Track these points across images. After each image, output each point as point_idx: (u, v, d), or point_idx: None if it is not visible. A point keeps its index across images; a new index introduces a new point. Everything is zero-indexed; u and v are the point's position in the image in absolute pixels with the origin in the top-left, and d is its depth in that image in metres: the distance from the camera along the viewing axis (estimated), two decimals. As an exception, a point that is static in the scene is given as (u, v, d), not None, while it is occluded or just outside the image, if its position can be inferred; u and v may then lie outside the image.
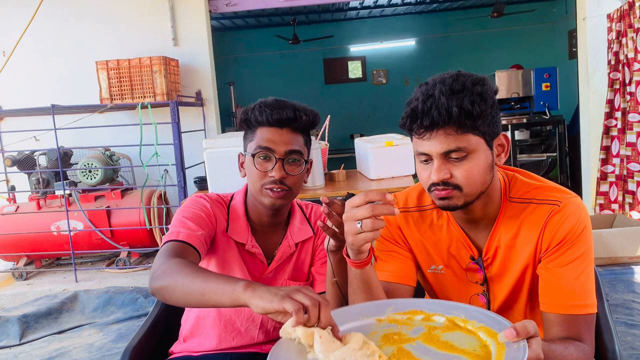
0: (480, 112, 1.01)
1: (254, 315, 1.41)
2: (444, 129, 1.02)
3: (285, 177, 1.31)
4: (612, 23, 4.11)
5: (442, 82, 1.03)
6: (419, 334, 0.95)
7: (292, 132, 1.32)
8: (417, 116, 1.03)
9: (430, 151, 1.05)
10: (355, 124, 8.48)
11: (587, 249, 1.10)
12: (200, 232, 1.28)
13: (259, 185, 1.32)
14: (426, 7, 8.33)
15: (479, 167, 1.06)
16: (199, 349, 1.43)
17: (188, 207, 1.35)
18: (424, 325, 0.98)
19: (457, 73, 1.06)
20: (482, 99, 1.02)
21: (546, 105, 5.81)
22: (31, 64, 4.91)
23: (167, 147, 4.10)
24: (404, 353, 0.89)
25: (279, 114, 1.29)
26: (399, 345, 0.92)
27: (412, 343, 0.92)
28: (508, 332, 0.84)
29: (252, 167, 1.32)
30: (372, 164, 3.18)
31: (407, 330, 0.97)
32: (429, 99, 1.01)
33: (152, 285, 1.11)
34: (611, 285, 3.35)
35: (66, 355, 3.01)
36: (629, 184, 3.99)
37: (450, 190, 1.06)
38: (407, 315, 1.01)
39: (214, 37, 5.22)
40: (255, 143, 1.32)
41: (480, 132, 1.04)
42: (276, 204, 1.33)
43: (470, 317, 0.95)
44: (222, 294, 0.97)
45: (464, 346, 0.89)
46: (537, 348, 0.85)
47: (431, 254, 1.25)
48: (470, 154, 1.04)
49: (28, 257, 4.49)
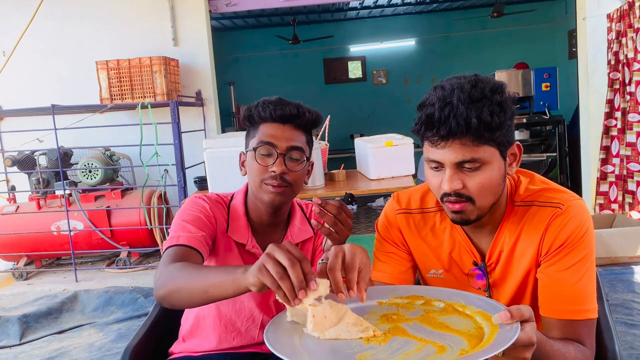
0: (499, 123, 0.98)
1: (254, 315, 1.41)
2: (460, 139, 0.98)
3: (286, 172, 1.30)
4: (612, 23, 4.11)
5: (460, 88, 0.99)
6: (417, 316, 0.96)
7: (294, 128, 1.33)
8: (433, 124, 0.99)
9: (444, 160, 1.02)
10: (355, 124, 8.48)
11: (589, 252, 1.08)
12: (201, 234, 1.28)
13: (259, 180, 1.31)
14: (426, 7, 8.33)
15: (492, 179, 1.03)
16: (199, 349, 1.43)
17: (187, 209, 1.35)
18: (424, 308, 1.00)
19: (475, 78, 1.01)
20: (501, 109, 0.99)
21: (546, 105, 5.81)
22: (31, 64, 4.91)
23: (167, 147, 4.10)
24: (399, 330, 0.92)
25: (282, 110, 1.30)
26: (396, 324, 0.94)
27: (409, 323, 0.94)
28: (502, 313, 0.85)
29: (253, 161, 1.32)
30: (372, 164, 3.18)
31: (405, 312, 0.99)
32: (446, 107, 0.97)
33: (157, 295, 1.11)
34: (611, 285, 3.35)
35: (66, 355, 3.01)
36: (629, 183, 3.99)
37: (464, 204, 1.04)
38: (408, 299, 1.03)
39: (214, 37, 5.22)
40: (257, 138, 1.33)
41: (495, 143, 1.01)
42: (276, 200, 1.32)
43: (469, 303, 0.97)
44: (224, 286, 0.98)
45: (459, 327, 0.91)
46: (531, 331, 0.85)
47: (431, 258, 1.23)
48: (484, 164, 1.02)
49: (28, 257, 4.48)
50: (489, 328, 0.87)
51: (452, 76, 1.05)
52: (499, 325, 0.85)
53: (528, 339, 0.84)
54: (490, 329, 0.87)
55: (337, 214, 1.16)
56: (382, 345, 0.86)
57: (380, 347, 0.86)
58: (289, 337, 0.90)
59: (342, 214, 1.17)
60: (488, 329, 0.87)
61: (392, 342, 0.88)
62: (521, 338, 0.83)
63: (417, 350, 0.84)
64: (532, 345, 0.85)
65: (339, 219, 1.17)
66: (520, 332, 0.82)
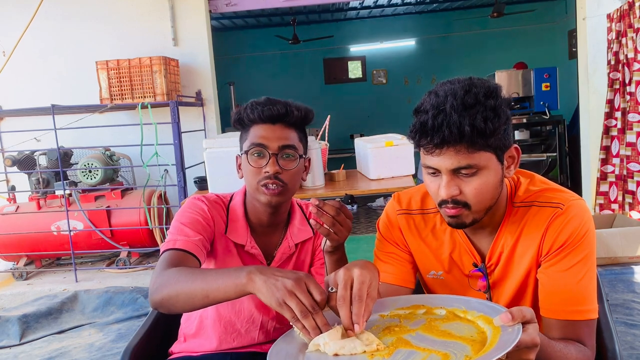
0: (493, 129, 0.97)
1: (254, 316, 1.41)
2: (455, 146, 0.98)
3: (280, 172, 1.30)
4: (612, 23, 4.11)
5: (453, 94, 0.98)
6: (419, 326, 0.96)
7: (285, 127, 1.32)
8: (427, 132, 0.98)
9: (440, 167, 1.02)
10: (355, 124, 8.48)
11: (589, 252, 1.08)
12: (198, 237, 1.27)
13: (255, 182, 1.31)
14: (426, 7, 8.33)
15: (489, 184, 1.03)
16: (199, 349, 1.43)
17: (185, 211, 1.34)
18: (426, 317, 1.00)
19: (469, 82, 1.00)
20: (495, 114, 0.98)
21: (546, 105, 5.81)
22: (31, 64, 4.91)
23: (167, 147, 4.10)
24: (402, 342, 0.91)
25: (270, 110, 1.30)
26: (399, 335, 0.94)
27: (412, 333, 0.94)
28: (504, 315, 0.84)
29: (247, 164, 1.32)
30: (372, 164, 3.18)
31: (408, 323, 0.99)
32: (439, 115, 0.97)
33: (153, 300, 1.11)
34: (611, 285, 3.35)
35: (66, 355, 3.01)
36: (629, 184, 3.99)
37: (460, 209, 1.04)
38: (410, 310, 1.03)
39: (214, 37, 5.22)
40: (249, 141, 1.32)
41: (491, 149, 1.01)
42: (273, 201, 1.32)
43: (470, 308, 0.97)
44: (226, 291, 0.99)
45: (462, 333, 0.91)
46: (533, 332, 0.84)
47: (431, 259, 1.23)
48: (481, 170, 1.01)
49: (28, 257, 4.48)
50: (492, 332, 0.87)
51: (447, 80, 1.04)
52: (501, 328, 0.85)
53: (531, 340, 0.84)
54: (492, 333, 0.86)
55: (335, 214, 1.16)
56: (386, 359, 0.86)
57: None
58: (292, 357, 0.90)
59: (341, 215, 1.17)
60: (490, 332, 0.87)
61: (396, 355, 0.87)
62: (524, 339, 0.82)
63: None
64: (535, 346, 0.85)
65: (337, 220, 1.16)
66: (523, 334, 0.82)
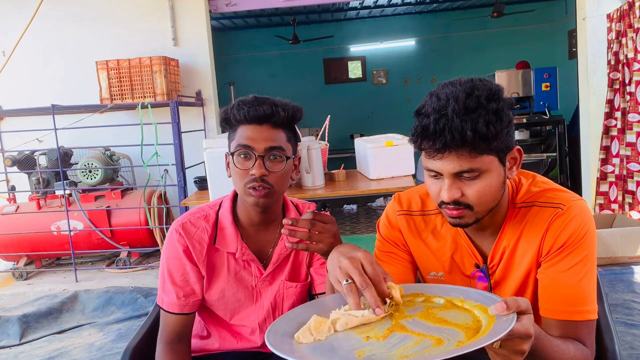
0: (495, 133, 0.97)
1: (258, 320, 1.42)
2: (457, 151, 0.98)
3: (267, 174, 1.26)
4: (612, 23, 4.11)
5: (455, 97, 0.97)
6: (417, 312, 0.98)
7: (272, 128, 1.28)
8: (428, 136, 0.98)
9: (441, 170, 1.01)
10: (355, 124, 8.48)
11: (590, 253, 1.07)
12: (188, 288, 1.35)
13: (242, 184, 1.28)
14: (426, 7, 8.33)
15: (491, 187, 1.03)
16: (201, 349, 1.43)
17: (167, 257, 1.36)
18: (424, 305, 1.01)
19: (471, 85, 1.00)
20: (497, 117, 0.97)
21: (546, 105, 5.81)
22: (31, 64, 4.90)
23: (167, 147, 4.10)
24: (398, 326, 0.93)
25: (256, 111, 1.26)
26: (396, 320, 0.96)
27: (408, 319, 0.96)
28: (498, 304, 0.84)
29: (234, 166, 1.29)
30: (372, 164, 3.19)
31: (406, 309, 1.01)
32: (441, 119, 0.96)
33: None
34: (611, 285, 3.35)
35: (66, 355, 3.01)
36: (629, 184, 3.99)
37: (462, 210, 1.04)
38: (409, 297, 1.04)
39: (214, 37, 5.22)
40: (235, 141, 1.29)
41: (493, 152, 1.01)
42: (260, 202, 1.29)
43: (468, 297, 0.98)
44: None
45: (457, 321, 0.92)
46: (528, 323, 0.84)
47: (432, 260, 1.23)
48: (483, 173, 1.01)
49: (28, 257, 4.49)
50: (487, 320, 0.88)
51: (449, 81, 1.03)
52: (496, 317, 0.86)
53: (525, 330, 0.84)
54: (487, 321, 0.88)
55: (310, 227, 1.12)
56: (380, 341, 0.88)
57: (379, 343, 0.88)
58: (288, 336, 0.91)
59: (317, 224, 1.13)
60: (485, 321, 0.89)
61: (390, 338, 0.89)
62: (517, 329, 0.82)
63: (415, 344, 0.86)
64: (528, 337, 0.85)
65: (316, 230, 1.13)
66: (517, 323, 0.82)
